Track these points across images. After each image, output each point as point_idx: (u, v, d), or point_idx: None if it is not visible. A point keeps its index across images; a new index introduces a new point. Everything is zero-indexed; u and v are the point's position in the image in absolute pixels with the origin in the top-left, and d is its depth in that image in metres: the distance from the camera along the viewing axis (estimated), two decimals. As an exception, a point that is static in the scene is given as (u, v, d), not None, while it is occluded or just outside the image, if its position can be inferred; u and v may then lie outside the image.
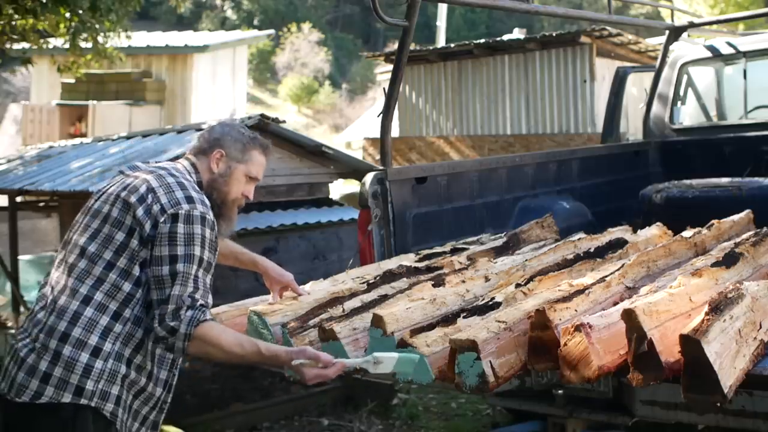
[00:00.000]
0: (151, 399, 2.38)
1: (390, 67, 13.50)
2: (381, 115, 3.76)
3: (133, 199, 2.31)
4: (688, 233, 3.34)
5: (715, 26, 6.38)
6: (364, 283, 2.93)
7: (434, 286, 2.83)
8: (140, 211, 2.28)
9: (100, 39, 8.11)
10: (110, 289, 2.26)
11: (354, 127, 25.25)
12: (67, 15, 7.60)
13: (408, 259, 3.34)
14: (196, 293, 2.24)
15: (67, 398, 2.19)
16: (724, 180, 4.33)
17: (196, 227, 2.28)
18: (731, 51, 5.43)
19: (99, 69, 11.60)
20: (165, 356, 2.38)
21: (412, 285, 2.89)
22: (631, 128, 9.78)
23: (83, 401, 2.20)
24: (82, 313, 2.24)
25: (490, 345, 2.20)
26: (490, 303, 2.54)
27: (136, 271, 2.27)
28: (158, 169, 2.45)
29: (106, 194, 2.39)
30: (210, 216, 2.34)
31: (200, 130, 5.45)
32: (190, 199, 2.32)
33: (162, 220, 2.26)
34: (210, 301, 2.31)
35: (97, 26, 7.84)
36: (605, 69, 11.13)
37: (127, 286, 2.27)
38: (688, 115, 5.73)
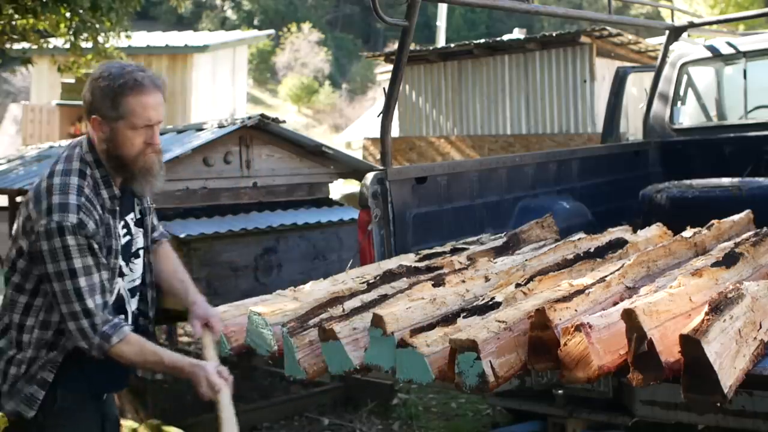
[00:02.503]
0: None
1: (390, 67, 13.50)
2: (381, 115, 3.76)
3: (20, 220, 2.33)
4: (688, 233, 3.34)
5: (715, 26, 6.38)
6: (364, 283, 2.93)
7: (434, 286, 2.83)
8: (21, 234, 2.32)
9: (100, 39, 8.10)
10: (24, 309, 2.36)
11: (354, 127, 25.26)
12: (68, 15, 7.60)
13: (408, 259, 3.34)
14: (88, 306, 2.26)
15: None
16: (724, 180, 4.33)
17: (55, 241, 2.22)
18: (731, 51, 5.42)
19: (99, 69, 11.58)
20: None
21: (412, 285, 2.89)
22: (631, 128, 9.78)
23: None
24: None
25: (490, 345, 2.20)
26: (490, 303, 2.54)
27: (30, 285, 2.34)
28: (52, 163, 2.38)
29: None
30: (69, 220, 2.21)
31: (200, 130, 5.49)
32: (48, 210, 2.24)
33: (32, 240, 2.27)
34: (106, 299, 2.32)
35: (97, 26, 7.83)
36: (605, 69, 11.13)
37: (24, 299, 2.35)
38: (688, 115, 5.73)
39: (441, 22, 20.93)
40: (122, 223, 2.46)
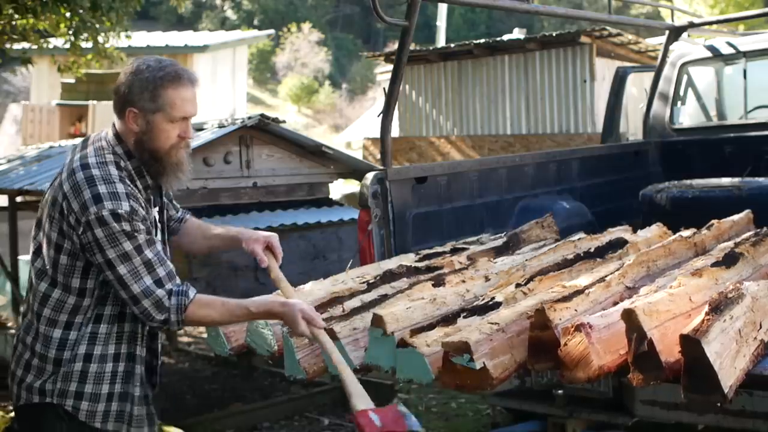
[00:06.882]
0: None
1: (390, 67, 13.50)
2: (381, 115, 3.76)
3: (56, 214, 2.25)
4: (687, 233, 3.34)
5: (715, 26, 6.38)
6: (364, 283, 2.93)
7: (434, 286, 2.84)
8: (65, 226, 2.24)
9: (100, 39, 8.09)
10: (56, 304, 2.28)
11: (354, 127, 25.27)
12: (68, 15, 7.59)
13: (408, 259, 3.34)
14: (159, 275, 2.23)
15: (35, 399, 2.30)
16: (724, 180, 4.33)
17: (113, 226, 2.17)
18: (731, 51, 5.43)
19: (99, 69, 11.58)
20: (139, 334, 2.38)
21: (412, 285, 2.89)
22: (631, 128, 9.78)
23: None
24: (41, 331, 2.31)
25: (483, 346, 2.20)
26: (490, 303, 2.54)
27: (76, 283, 2.27)
28: (78, 157, 2.30)
29: (45, 200, 2.34)
30: (122, 208, 2.18)
31: (200, 130, 5.49)
32: (97, 199, 2.18)
33: (80, 231, 2.20)
34: (171, 267, 2.29)
35: (97, 26, 7.82)
36: (605, 69, 11.12)
37: (72, 299, 2.28)
38: (688, 115, 5.73)
39: (441, 22, 20.93)
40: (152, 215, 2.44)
